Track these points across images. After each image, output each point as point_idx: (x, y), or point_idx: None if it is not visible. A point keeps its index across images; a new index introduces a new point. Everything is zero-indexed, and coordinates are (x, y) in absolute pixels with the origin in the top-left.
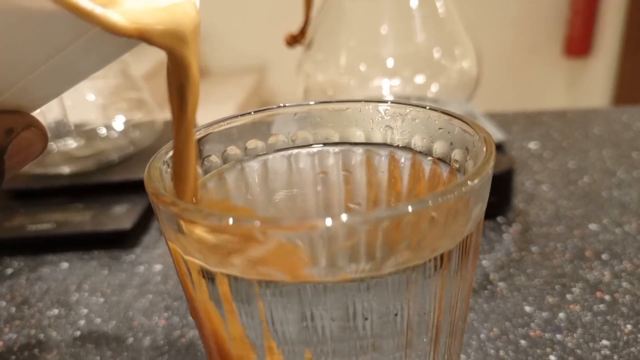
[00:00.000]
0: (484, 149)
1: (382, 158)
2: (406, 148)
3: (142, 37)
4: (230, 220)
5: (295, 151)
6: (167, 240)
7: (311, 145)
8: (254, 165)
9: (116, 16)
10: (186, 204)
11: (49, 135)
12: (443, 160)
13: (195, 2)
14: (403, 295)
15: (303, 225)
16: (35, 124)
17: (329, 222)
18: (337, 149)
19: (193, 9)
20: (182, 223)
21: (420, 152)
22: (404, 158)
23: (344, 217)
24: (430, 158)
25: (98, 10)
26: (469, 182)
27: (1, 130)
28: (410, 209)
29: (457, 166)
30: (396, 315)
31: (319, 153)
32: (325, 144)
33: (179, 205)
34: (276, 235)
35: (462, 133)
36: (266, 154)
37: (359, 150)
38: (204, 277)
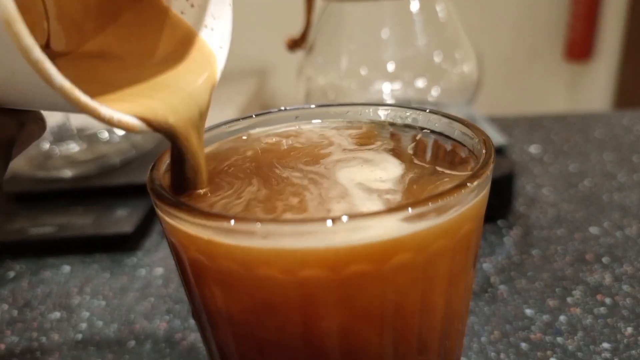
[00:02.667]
0: (484, 151)
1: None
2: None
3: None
4: (232, 221)
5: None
6: (169, 240)
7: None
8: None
9: (129, 119)
10: (188, 206)
11: (52, 139)
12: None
13: (215, 81)
14: (401, 294)
15: (306, 224)
16: (39, 116)
17: (329, 222)
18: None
19: (206, 95)
20: (183, 225)
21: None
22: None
23: (344, 218)
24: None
25: (116, 117)
26: (468, 184)
27: (15, 124)
28: (410, 210)
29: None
30: (393, 315)
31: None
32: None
33: (181, 207)
34: (276, 235)
35: (462, 136)
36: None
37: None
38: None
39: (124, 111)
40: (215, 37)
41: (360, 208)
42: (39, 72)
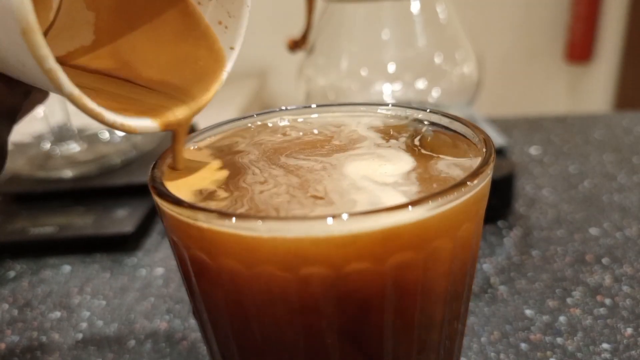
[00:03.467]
0: (484, 150)
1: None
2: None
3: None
4: (234, 219)
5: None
6: (170, 238)
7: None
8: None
9: (131, 123)
10: (189, 204)
11: (53, 139)
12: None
13: (220, 84)
14: (401, 293)
15: (307, 221)
16: None
17: (330, 220)
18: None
19: (208, 99)
20: (185, 221)
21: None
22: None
23: (344, 215)
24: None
25: (119, 121)
26: (468, 183)
27: (22, 93)
28: (410, 208)
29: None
30: (393, 314)
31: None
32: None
33: (182, 205)
34: (278, 232)
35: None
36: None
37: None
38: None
39: (127, 115)
40: (228, 36)
41: (364, 203)
42: (51, 80)
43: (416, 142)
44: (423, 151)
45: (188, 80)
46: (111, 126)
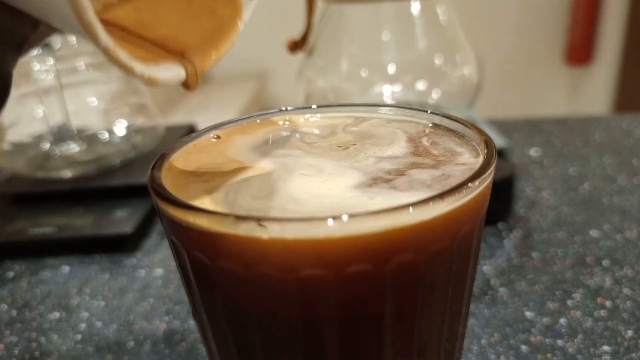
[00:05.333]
0: (485, 151)
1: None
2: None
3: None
4: (234, 220)
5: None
6: (170, 239)
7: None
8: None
9: (156, 75)
10: (189, 205)
11: (52, 139)
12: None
13: (236, 33)
14: (401, 295)
15: (307, 222)
16: None
17: (330, 221)
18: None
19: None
20: (183, 224)
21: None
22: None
23: (344, 217)
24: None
25: (147, 74)
26: (470, 184)
27: (30, 24)
28: (411, 209)
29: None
30: (393, 316)
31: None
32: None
33: (182, 206)
34: (278, 234)
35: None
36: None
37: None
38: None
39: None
40: None
41: (364, 205)
42: (89, 32)
43: (422, 143)
44: (424, 152)
45: (205, 31)
46: (138, 78)
